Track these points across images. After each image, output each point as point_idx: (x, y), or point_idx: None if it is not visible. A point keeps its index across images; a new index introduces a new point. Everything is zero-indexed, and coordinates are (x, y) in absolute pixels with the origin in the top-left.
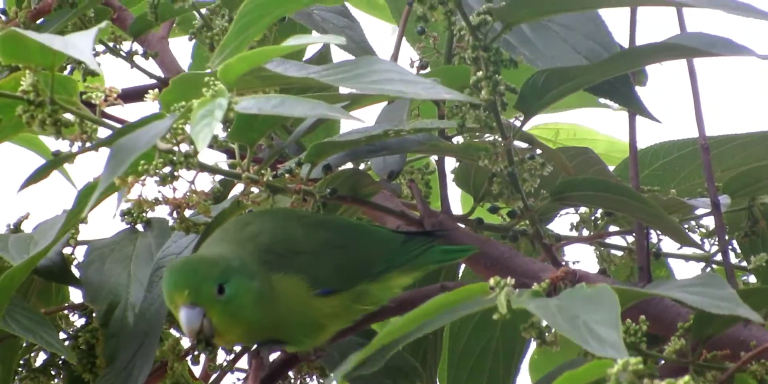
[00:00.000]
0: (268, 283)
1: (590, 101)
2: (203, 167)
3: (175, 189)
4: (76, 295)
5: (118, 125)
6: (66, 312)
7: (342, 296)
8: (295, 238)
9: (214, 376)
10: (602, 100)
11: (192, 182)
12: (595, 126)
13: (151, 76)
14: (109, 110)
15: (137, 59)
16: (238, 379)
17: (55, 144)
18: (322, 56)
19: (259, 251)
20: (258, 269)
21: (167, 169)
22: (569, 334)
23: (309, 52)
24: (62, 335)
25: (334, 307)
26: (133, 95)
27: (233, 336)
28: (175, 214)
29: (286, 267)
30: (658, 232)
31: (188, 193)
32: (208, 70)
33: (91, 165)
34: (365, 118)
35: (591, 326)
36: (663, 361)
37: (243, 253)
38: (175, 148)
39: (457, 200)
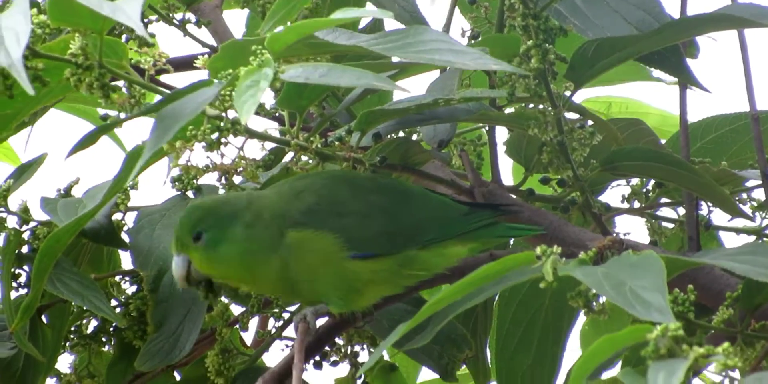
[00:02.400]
0: (281, 238)
1: (643, 75)
2: (252, 134)
3: (223, 155)
4: (127, 263)
5: (167, 91)
6: (117, 279)
7: (385, 261)
8: (342, 200)
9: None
10: (655, 74)
11: (240, 149)
12: (648, 100)
13: (203, 44)
14: (162, 79)
15: (190, 28)
16: (287, 346)
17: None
18: (376, 25)
19: (291, 207)
20: (271, 223)
21: (215, 135)
22: (615, 300)
23: (364, 21)
24: (114, 302)
25: (375, 271)
26: (184, 64)
27: (230, 281)
28: (223, 180)
29: (320, 225)
30: (709, 204)
31: (236, 160)
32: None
33: (141, 129)
34: (416, 88)
35: (637, 292)
36: (711, 331)
37: (265, 203)
38: (223, 114)
39: (508, 171)
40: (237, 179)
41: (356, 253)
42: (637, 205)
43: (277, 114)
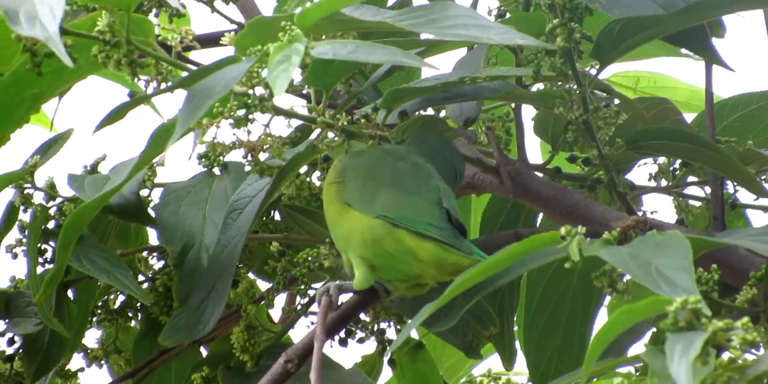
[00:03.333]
0: None
1: (671, 51)
2: (278, 111)
3: (249, 132)
4: (154, 239)
5: (193, 68)
6: (145, 255)
7: (360, 217)
8: (366, 164)
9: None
10: (683, 50)
11: (267, 125)
12: (676, 74)
13: (231, 21)
14: (189, 56)
15: (218, 4)
16: (312, 323)
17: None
18: (404, 2)
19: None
20: None
21: (241, 112)
22: (642, 280)
23: None
24: (140, 278)
25: (354, 224)
26: (211, 41)
27: None
28: (249, 157)
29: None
30: (734, 183)
31: (263, 136)
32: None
33: (173, 103)
34: (443, 66)
35: (663, 272)
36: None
37: None
38: (250, 92)
39: (536, 150)
40: (263, 156)
41: (345, 199)
42: (664, 183)
43: (303, 91)
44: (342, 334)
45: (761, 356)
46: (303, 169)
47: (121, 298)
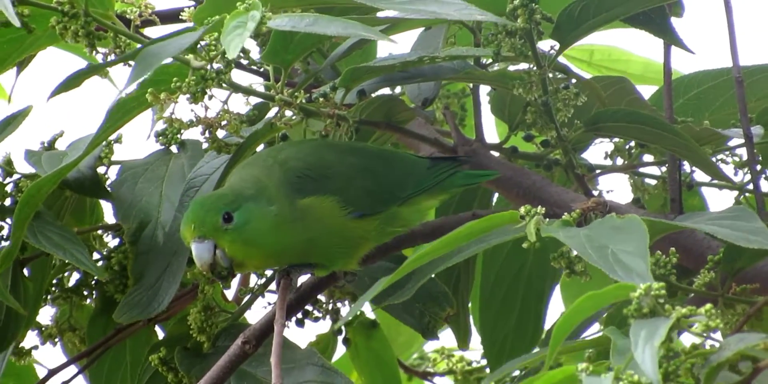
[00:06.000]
0: (294, 207)
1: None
2: (237, 88)
3: (207, 108)
4: (110, 216)
5: None
6: (100, 233)
7: (374, 219)
8: (328, 163)
9: (246, 299)
10: None
11: (225, 102)
12: (631, 47)
13: None
14: (149, 33)
15: None
16: (269, 303)
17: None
18: None
19: (288, 176)
20: (282, 194)
21: (199, 87)
22: (597, 263)
23: None
24: (96, 256)
25: (367, 230)
26: (171, 17)
27: (255, 262)
28: (207, 134)
29: (319, 190)
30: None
31: (221, 113)
32: None
33: None
34: (403, 47)
35: (619, 256)
36: (692, 294)
37: (267, 178)
38: (208, 67)
39: (492, 129)
40: (221, 134)
41: (355, 213)
42: (620, 162)
43: (262, 70)
44: (299, 314)
45: (724, 343)
46: (260, 148)
47: (76, 276)
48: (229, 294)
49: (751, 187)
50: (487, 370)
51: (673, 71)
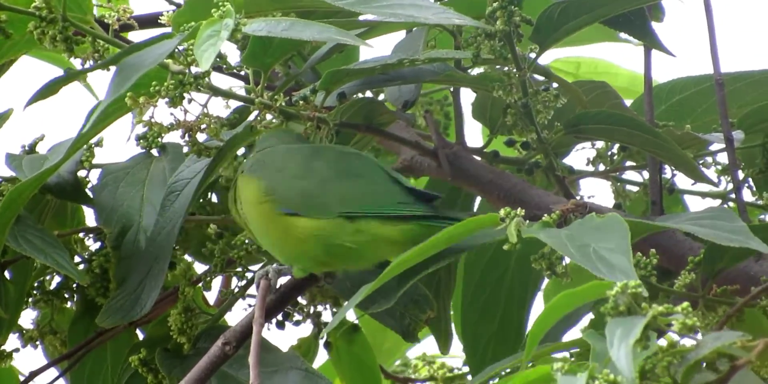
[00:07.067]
0: (234, 185)
1: (611, 36)
2: (216, 91)
3: (186, 111)
4: (91, 220)
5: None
6: (81, 236)
7: (310, 222)
8: (286, 160)
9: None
10: (623, 36)
11: (204, 106)
12: (617, 60)
13: (171, 2)
14: (129, 37)
15: None
16: (249, 306)
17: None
18: None
19: (251, 160)
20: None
21: (178, 91)
22: (579, 262)
23: None
24: (77, 259)
25: (304, 234)
26: (150, 22)
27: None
28: (187, 137)
29: (254, 172)
30: (672, 168)
31: (200, 117)
32: None
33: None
34: (383, 50)
35: (601, 253)
36: (673, 296)
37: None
38: (187, 71)
39: (477, 133)
40: (200, 137)
41: (285, 209)
42: (602, 168)
43: (242, 73)
44: (279, 317)
45: (701, 341)
46: (241, 152)
47: (57, 279)
48: (211, 299)
49: (734, 196)
50: (469, 377)
51: (654, 82)
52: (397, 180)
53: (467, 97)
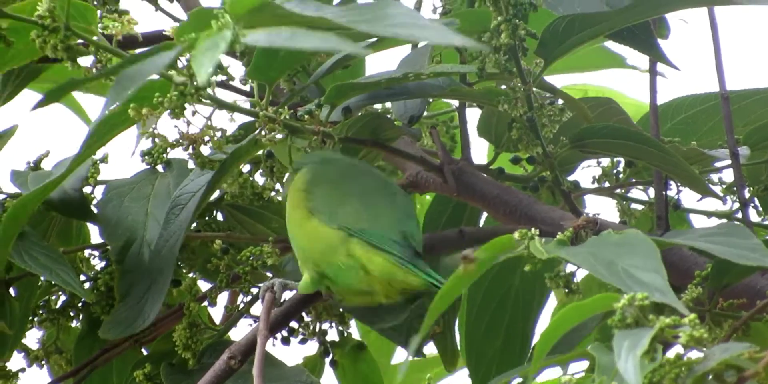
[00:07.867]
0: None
1: (618, 62)
2: (220, 104)
3: (189, 123)
4: (97, 238)
5: None
6: (86, 255)
7: (323, 228)
8: (337, 163)
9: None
10: (630, 62)
11: (209, 118)
12: (624, 89)
13: (175, 19)
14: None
15: (162, 3)
16: (255, 321)
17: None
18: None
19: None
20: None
21: (179, 102)
22: (609, 280)
23: None
24: (82, 277)
25: (327, 245)
26: (155, 39)
27: None
28: (190, 150)
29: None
30: (678, 184)
31: (204, 129)
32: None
33: None
34: (389, 64)
35: (630, 271)
36: None
37: None
38: (188, 82)
39: (483, 151)
40: (205, 150)
41: (313, 207)
42: (607, 185)
43: (248, 88)
44: (284, 332)
45: (708, 353)
46: (246, 168)
47: (63, 297)
48: (217, 318)
49: (740, 215)
50: None
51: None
52: (405, 223)
53: (473, 116)
